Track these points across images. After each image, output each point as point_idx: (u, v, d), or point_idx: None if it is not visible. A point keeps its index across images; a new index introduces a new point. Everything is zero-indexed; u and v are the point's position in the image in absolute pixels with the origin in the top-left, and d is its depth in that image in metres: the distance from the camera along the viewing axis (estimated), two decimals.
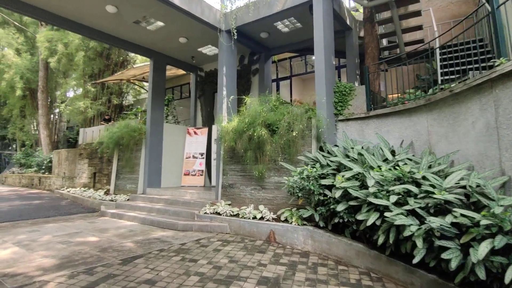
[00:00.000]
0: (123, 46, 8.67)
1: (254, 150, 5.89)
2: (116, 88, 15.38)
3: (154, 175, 8.72)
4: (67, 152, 13.07)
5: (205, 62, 10.52)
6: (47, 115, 16.86)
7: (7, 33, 16.64)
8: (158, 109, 9.13)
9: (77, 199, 9.90)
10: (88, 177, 11.41)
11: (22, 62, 16.54)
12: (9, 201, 10.04)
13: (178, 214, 6.36)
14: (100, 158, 10.90)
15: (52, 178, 13.50)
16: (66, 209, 8.47)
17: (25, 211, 8.02)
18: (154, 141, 8.83)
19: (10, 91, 17.22)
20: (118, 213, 7.03)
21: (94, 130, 11.88)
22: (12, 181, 16.82)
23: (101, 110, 14.80)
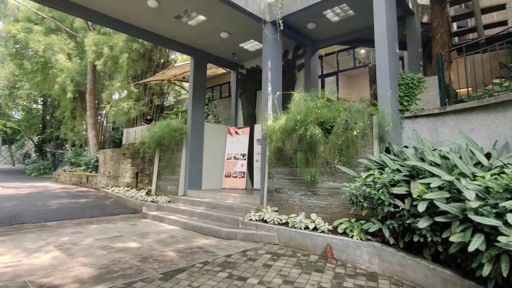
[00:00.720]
0: (164, 43, 8.47)
1: (305, 151, 5.26)
2: (158, 89, 15.55)
3: (195, 176, 8.42)
4: (111, 152, 13.39)
5: (246, 59, 10.07)
6: (94, 116, 17.58)
7: (60, 39, 17.62)
8: (199, 108, 8.83)
9: (120, 198, 9.96)
10: (131, 177, 11.51)
11: (72, 66, 17.40)
12: (59, 199, 10.38)
13: (221, 220, 5.92)
14: (142, 158, 10.92)
15: (98, 177, 13.93)
16: (110, 209, 8.47)
17: (71, 210, 8.12)
18: (195, 141, 8.53)
19: (62, 93, 18.23)
20: (159, 215, 6.77)
21: (137, 130, 11.98)
22: (63, 178, 17.77)
23: (143, 110, 15.04)
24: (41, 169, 24.53)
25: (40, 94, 25.97)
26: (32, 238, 4.99)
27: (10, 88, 26.01)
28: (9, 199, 10.12)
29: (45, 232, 5.54)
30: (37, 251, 4.24)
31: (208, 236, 5.40)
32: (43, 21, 17.83)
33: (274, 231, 5.02)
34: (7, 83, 25.36)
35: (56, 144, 26.41)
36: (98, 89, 18.84)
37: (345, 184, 4.38)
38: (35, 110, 30.61)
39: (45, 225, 6.19)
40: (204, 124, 8.95)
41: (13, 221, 6.41)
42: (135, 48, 14.29)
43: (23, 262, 3.76)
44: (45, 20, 17.82)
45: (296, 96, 5.77)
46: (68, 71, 17.16)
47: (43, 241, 4.84)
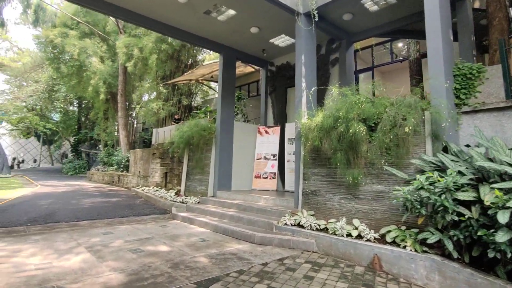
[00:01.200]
0: (193, 41, 8.32)
1: (346, 151, 4.80)
2: (186, 89, 15.59)
3: (224, 177, 8.17)
4: (141, 152, 13.54)
5: (277, 56, 9.70)
6: (125, 117, 17.99)
7: (93, 43, 18.22)
8: (228, 106, 8.58)
9: (150, 198, 9.95)
10: (160, 176, 11.53)
11: (104, 68, 17.93)
12: (92, 198, 10.57)
13: (253, 223, 5.59)
14: (171, 158, 10.88)
15: (129, 176, 14.15)
16: (140, 209, 8.43)
17: (103, 209, 8.17)
18: (224, 140, 8.29)
19: (95, 95, 18.85)
20: (189, 217, 6.57)
21: (166, 130, 11.99)
22: (97, 178, 18.34)
23: (172, 110, 15.12)
24: (76, 168, 25.63)
25: (76, 96, 27.14)
26: (64, 238, 4.93)
27: (49, 92, 27.45)
28: (46, 197, 10.46)
29: (77, 231, 5.49)
30: (67, 253, 4.13)
31: (240, 240, 5.09)
32: (78, 26, 18.53)
33: (313, 238, 4.61)
34: (46, 87, 26.78)
35: (90, 144, 27.49)
36: (129, 90, 19.29)
37: (395, 187, 3.88)
38: (71, 112, 32.11)
39: (77, 224, 6.18)
40: (233, 123, 8.69)
41: (48, 220, 6.49)
42: (164, 49, 14.39)
43: (53, 264, 3.64)
44: (80, 25, 18.51)
45: (334, 91, 5.33)
46: (101, 73, 17.69)
47: (75, 241, 4.76)
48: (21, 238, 4.91)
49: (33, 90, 26.55)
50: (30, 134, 42.82)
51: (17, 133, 42.22)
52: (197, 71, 12.01)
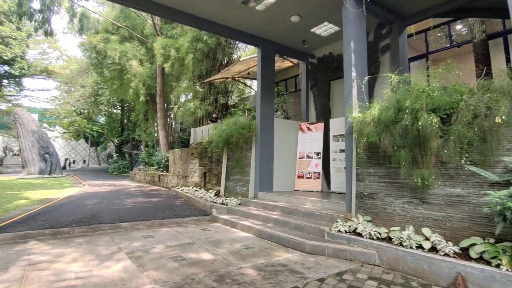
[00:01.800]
0: (230, 35, 7.97)
1: (411, 148, 4.10)
2: (222, 87, 15.41)
3: (265, 177, 7.74)
4: (180, 152, 13.58)
5: (318, 47, 9.05)
6: (164, 117, 18.31)
7: (132, 46, 18.77)
8: (268, 103, 8.12)
9: (189, 199, 9.82)
10: (199, 176, 11.40)
11: (144, 70, 18.38)
12: (134, 198, 10.71)
13: (301, 229, 5.07)
14: (209, 157, 10.68)
15: (168, 176, 14.29)
16: (180, 210, 8.29)
17: (144, 210, 8.13)
18: (264, 138, 7.85)
19: (136, 97, 19.43)
20: (231, 220, 6.21)
21: (204, 129, 11.85)
22: (139, 177, 18.90)
23: (209, 110, 15.03)
24: (120, 168, 26.82)
25: (118, 99, 28.43)
26: (105, 242, 4.79)
27: (94, 96, 29.05)
28: (92, 197, 10.80)
29: (118, 234, 5.37)
30: (108, 259, 3.93)
31: (288, 248, 4.61)
32: (118, 31, 19.20)
33: (373, 248, 3.99)
34: (92, 91, 28.36)
35: (132, 145, 28.63)
36: (167, 91, 19.63)
37: (488, 192, 3.16)
38: (115, 114, 33.80)
39: (119, 226, 6.10)
40: (274, 120, 8.22)
41: (92, 221, 6.50)
42: (200, 48, 14.31)
43: (93, 273, 3.42)
44: (120, 30, 19.16)
45: (393, 79, 4.63)
46: (140, 76, 18.16)
47: (116, 245, 4.59)
48: (65, 240, 4.85)
49: (80, 95, 28.23)
50: (79, 137, 45.95)
51: (68, 136, 45.52)
52: (233, 68, 11.71)
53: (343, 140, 7.60)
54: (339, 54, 8.46)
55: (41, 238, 4.96)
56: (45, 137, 23.79)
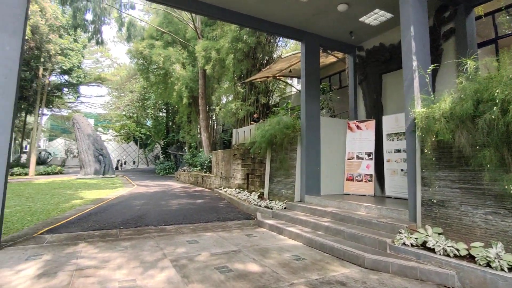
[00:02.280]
0: (272, 30, 7.61)
1: (497, 146, 3.40)
2: (263, 87, 15.14)
3: (312, 179, 7.26)
4: (222, 153, 13.55)
5: (367, 38, 8.34)
6: (206, 119, 18.56)
7: (175, 50, 19.31)
8: (313, 100, 7.63)
9: (232, 201, 9.66)
10: (242, 178, 11.23)
11: (186, 73, 18.81)
12: (179, 199, 10.84)
13: (357, 239, 4.54)
14: (252, 158, 10.45)
15: (211, 177, 14.36)
16: (224, 212, 8.13)
17: (189, 212, 8.10)
18: (310, 138, 7.37)
19: (179, 100, 19.98)
20: (277, 226, 5.85)
21: (245, 130, 11.66)
22: (183, 178, 19.38)
23: (250, 110, 14.85)
24: (166, 169, 27.89)
25: (163, 103, 29.63)
26: (151, 247, 4.70)
27: (141, 100, 30.61)
28: (140, 197, 11.15)
29: (163, 238, 5.28)
30: (153, 267, 3.79)
31: (344, 261, 4.12)
32: (161, 37, 19.90)
33: (451, 268, 3.36)
34: (139, 96, 29.89)
35: (177, 146, 29.65)
36: (208, 93, 19.89)
37: None
38: (160, 117, 35.36)
39: (164, 229, 6.05)
40: (320, 118, 7.70)
41: (138, 223, 6.57)
42: (240, 48, 14.18)
43: (137, 282, 3.28)
44: (163, 35, 19.84)
45: (469, 65, 3.92)
46: (183, 79, 18.60)
47: (161, 251, 4.47)
48: (112, 244, 4.86)
49: (129, 99, 29.89)
50: (129, 139, 49.07)
51: (120, 139, 48.80)
52: (274, 66, 11.35)
53: (398, 139, 6.86)
54: (391, 44, 7.69)
55: (90, 240, 5.03)
56: (99, 140, 25.53)
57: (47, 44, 22.22)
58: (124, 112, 34.82)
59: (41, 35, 21.45)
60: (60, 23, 23.11)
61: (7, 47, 4.47)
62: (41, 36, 21.57)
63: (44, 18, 21.33)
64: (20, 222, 6.53)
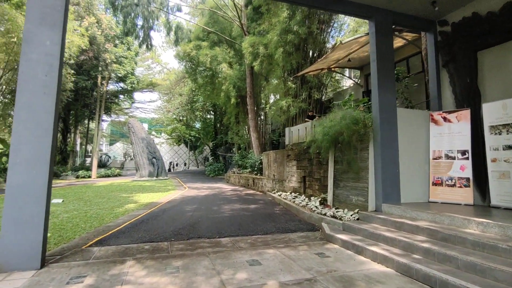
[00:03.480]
0: (337, 7, 6.48)
1: None
2: (315, 81, 13.93)
3: (390, 184, 5.98)
4: (275, 154, 12.66)
5: (452, 8, 6.78)
6: (255, 119, 17.85)
7: (222, 50, 18.94)
8: (387, 89, 6.33)
9: (290, 207, 8.70)
10: (297, 181, 10.21)
11: (233, 73, 18.31)
12: (231, 204, 10.18)
13: (482, 272, 3.25)
14: (309, 159, 9.38)
15: (263, 179, 13.55)
16: (282, 221, 7.21)
17: (243, 219, 7.33)
18: (385, 134, 6.10)
19: (227, 100, 19.58)
20: (353, 243, 4.74)
21: (300, 128, 10.62)
22: (233, 180, 18.92)
23: (302, 107, 13.75)
24: (216, 171, 27.90)
25: (211, 104, 29.75)
26: (205, 269, 3.93)
27: (190, 103, 31.13)
28: (191, 201, 10.72)
29: (219, 257, 4.51)
30: None
31: None
32: (208, 37, 19.69)
33: None
34: (188, 99, 30.41)
35: (226, 148, 29.56)
36: (256, 91, 19.18)
37: None
38: (208, 120, 35.75)
39: (219, 243, 5.31)
40: (397, 110, 6.37)
41: (191, 233, 5.93)
42: (290, 40, 13.19)
43: None
44: (209, 36, 19.62)
45: None
46: (230, 78, 18.13)
47: (217, 277, 3.67)
48: (162, 263, 4.19)
49: (178, 102, 30.55)
50: (180, 142, 50.82)
51: (171, 142, 50.79)
52: (331, 55, 10.14)
53: (509, 132, 5.29)
54: (490, 13, 6.07)
55: (139, 257, 4.43)
56: (152, 143, 26.38)
57: (103, 53, 23.45)
58: (175, 116, 35.84)
59: (98, 45, 22.67)
60: (115, 32, 24.26)
61: (47, 42, 4.04)
62: (98, 46, 22.81)
63: (100, 29, 22.52)
64: (73, 229, 6.31)
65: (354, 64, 11.99)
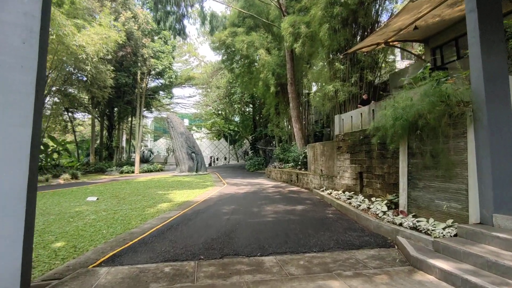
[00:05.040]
0: None
1: None
2: (368, 61, 11.93)
3: (506, 186, 4.15)
4: (322, 146, 11.02)
5: None
6: (297, 108, 16.22)
7: (259, 35, 17.49)
8: (495, 50, 4.45)
9: (345, 210, 7.12)
10: (352, 177, 8.54)
11: (272, 59, 16.81)
12: (273, 203, 8.84)
13: None
14: (367, 152, 7.68)
15: (309, 175, 12.00)
16: (339, 229, 5.69)
17: (290, 227, 5.94)
18: (495, 114, 4.26)
19: (266, 90, 18.16)
20: (466, 278, 3.10)
21: (354, 115, 8.89)
22: (274, 175, 17.57)
23: (353, 92, 11.88)
24: (256, 165, 26.79)
25: (249, 96, 28.55)
26: None
27: (228, 96, 30.26)
28: (229, 201, 9.57)
29: None
30: None
31: None
32: (244, 22, 18.36)
33: None
34: (226, 91, 29.54)
35: (265, 141, 28.27)
36: (298, 78, 17.50)
37: None
38: (247, 113, 34.69)
39: (261, 264, 3.98)
40: (509, 80, 4.47)
41: (225, 248, 4.69)
42: (336, 13, 11.34)
43: None
44: (245, 21, 18.27)
45: None
46: (269, 65, 16.66)
47: None
48: None
49: (216, 95, 29.82)
50: (220, 136, 50.74)
51: (211, 136, 50.92)
52: (393, 22, 8.22)
53: None
54: None
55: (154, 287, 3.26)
56: (191, 137, 25.96)
57: (141, 48, 23.28)
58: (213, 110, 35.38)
59: (136, 40, 22.50)
60: (151, 27, 23.97)
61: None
62: (136, 41, 22.65)
63: (137, 24, 22.29)
64: (92, 237, 5.42)
65: (418, 36, 9.88)
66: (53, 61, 18.20)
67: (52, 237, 5.47)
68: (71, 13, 18.10)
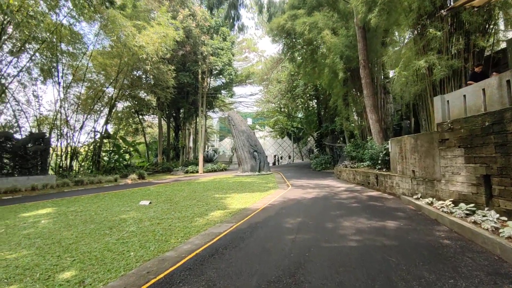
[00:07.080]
0: None
1: None
2: (479, 21, 8.82)
3: None
4: (413, 140, 8.42)
5: None
6: (372, 95, 13.52)
7: (323, 14, 15.22)
8: None
9: (471, 234, 4.69)
10: (470, 182, 5.93)
11: (339, 40, 14.39)
12: (353, 216, 6.75)
13: None
14: (500, 145, 5.09)
15: (394, 177, 9.46)
16: (471, 272, 3.46)
17: (388, 259, 3.89)
18: None
19: (332, 77, 15.78)
20: None
21: (469, 93, 6.25)
22: (346, 176, 15.14)
23: (455, 66, 8.94)
24: (322, 164, 24.40)
25: (312, 88, 26.19)
26: None
27: (290, 91, 28.34)
28: (294, 210, 7.74)
29: None
30: None
31: None
32: (304, 2, 16.25)
33: None
34: (287, 86, 27.66)
35: (332, 137, 25.61)
36: (372, 61, 14.73)
37: None
38: (311, 107, 32.26)
39: None
40: None
41: None
42: None
43: None
44: (306, 1, 16.15)
45: None
46: (336, 48, 14.29)
47: None
48: None
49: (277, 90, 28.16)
50: (283, 134, 49.09)
51: (274, 134, 49.59)
52: None
53: None
54: None
55: None
56: (252, 135, 24.78)
57: (200, 46, 22.89)
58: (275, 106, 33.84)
59: (194, 38, 22.14)
60: (209, 24, 23.43)
61: None
62: (195, 39, 22.30)
63: (195, 22, 21.89)
64: (111, 265, 4.13)
65: None
66: (119, 65, 18.69)
67: (69, 260, 4.38)
68: (133, 16, 18.34)
